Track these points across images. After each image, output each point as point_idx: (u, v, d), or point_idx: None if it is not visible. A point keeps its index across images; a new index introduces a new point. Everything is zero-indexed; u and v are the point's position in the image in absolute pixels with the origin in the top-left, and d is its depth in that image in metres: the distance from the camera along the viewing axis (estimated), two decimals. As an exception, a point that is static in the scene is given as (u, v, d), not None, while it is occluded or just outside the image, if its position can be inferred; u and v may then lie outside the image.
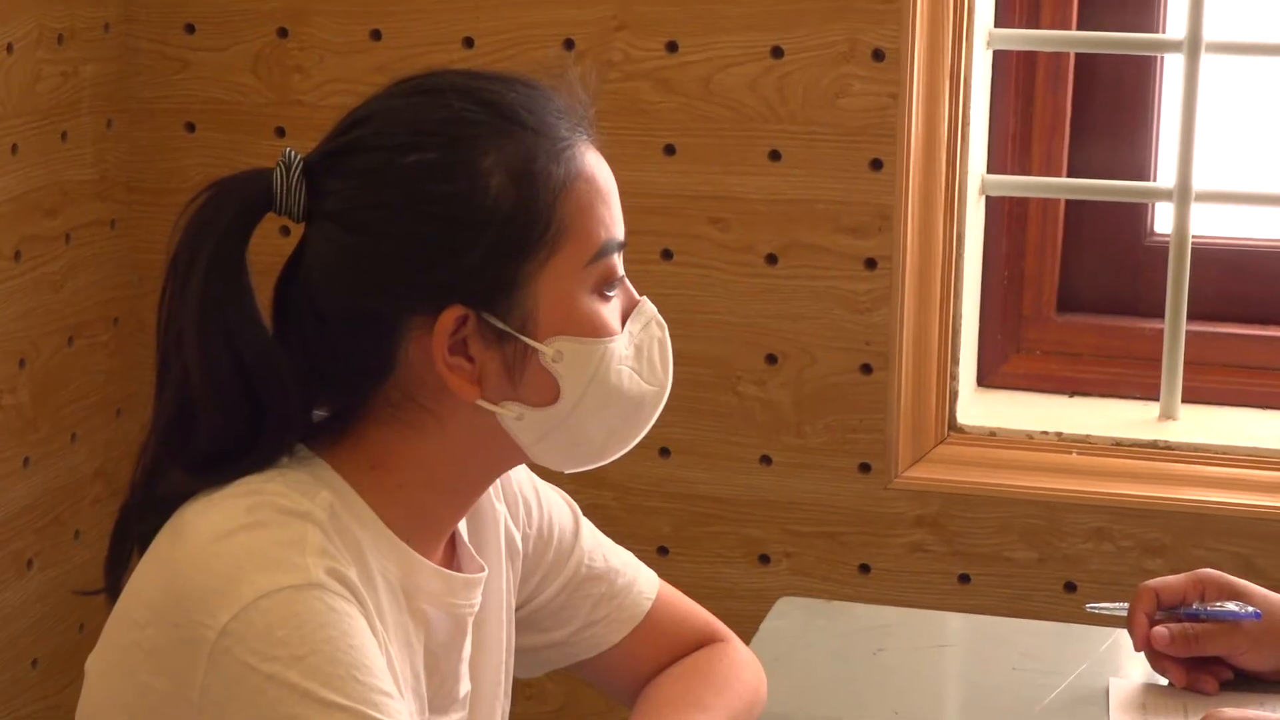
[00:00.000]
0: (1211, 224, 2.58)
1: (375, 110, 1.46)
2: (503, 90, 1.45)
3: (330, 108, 2.40)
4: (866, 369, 2.47)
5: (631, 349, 1.47)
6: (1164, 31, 2.58)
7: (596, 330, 1.45)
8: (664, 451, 2.54)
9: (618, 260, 1.47)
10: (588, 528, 1.70)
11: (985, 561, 2.48)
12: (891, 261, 2.43)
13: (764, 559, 2.55)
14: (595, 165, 1.47)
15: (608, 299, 1.46)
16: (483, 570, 1.54)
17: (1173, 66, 2.52)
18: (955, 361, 2.52)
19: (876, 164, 2.41)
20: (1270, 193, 2.56)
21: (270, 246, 1.49)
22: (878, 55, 2.38)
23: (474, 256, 1.41)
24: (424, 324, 1.42)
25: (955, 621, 2.18)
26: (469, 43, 2.50)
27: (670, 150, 2.47)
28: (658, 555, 2.56)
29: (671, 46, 2.44)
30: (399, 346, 1.43)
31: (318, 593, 1.34)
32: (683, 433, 2.52)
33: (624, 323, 1.47)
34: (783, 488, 2.52)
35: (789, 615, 2.07)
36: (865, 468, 2.50)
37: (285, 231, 1.46)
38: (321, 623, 1.33)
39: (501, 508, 1.61)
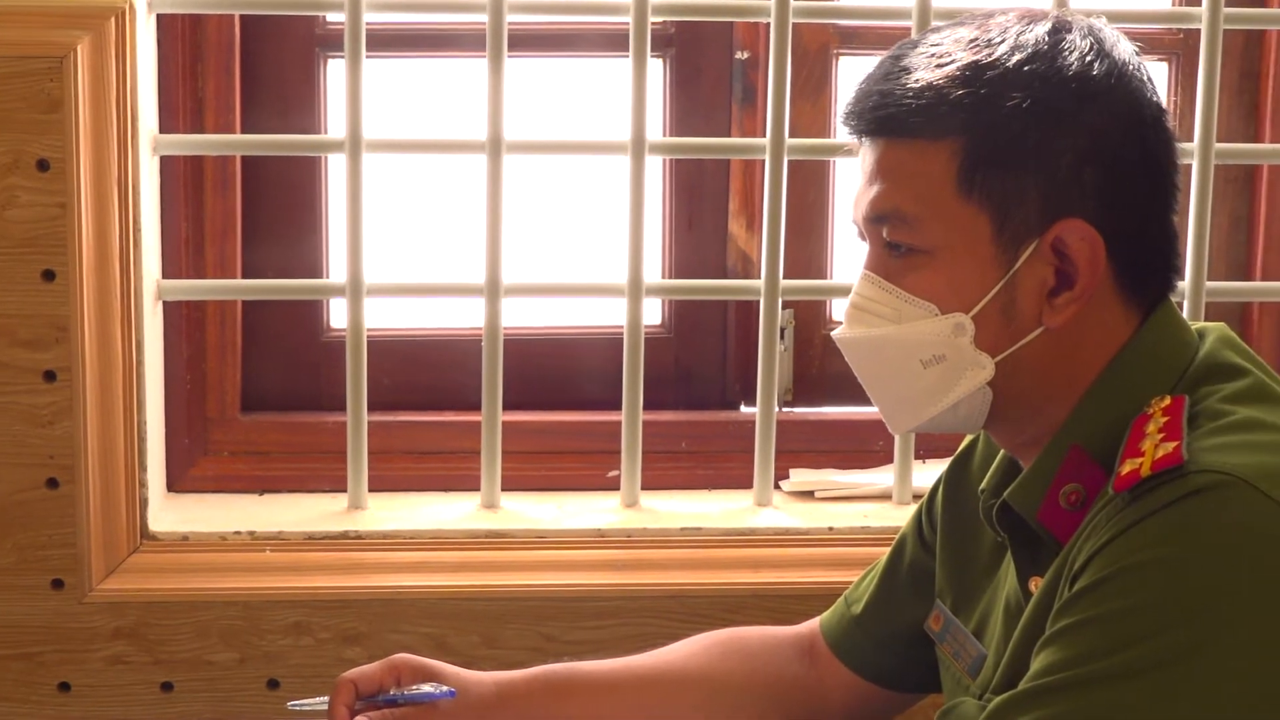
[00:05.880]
0: (385, 317, 2.67)
1: None
2: None
3: None
4: (53, 483, 2.42)
5: None
6: (326, 132, 2.66)
7: None
8: None
9: None
10: None
11: (187, 667, 2.47)
12: (71, 373, 2.40)
13: (-43, 688, 2.47)
14: None
15: None
16: None
17: (336, 166, 2.59)
18: (143, 469, 2.50)
19: (49, 275, 2.38)
20: (437, 283, 2.66)
21: None
22: (43, 165, 2.35)
23: None
24: None
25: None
26: None
27: None
28: None
29: None
30: None
31: None
32: None
33: None
34: (-27, 612, 2.45)
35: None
36: (58, 584, 2.45)
37: None
38: None
39: None
